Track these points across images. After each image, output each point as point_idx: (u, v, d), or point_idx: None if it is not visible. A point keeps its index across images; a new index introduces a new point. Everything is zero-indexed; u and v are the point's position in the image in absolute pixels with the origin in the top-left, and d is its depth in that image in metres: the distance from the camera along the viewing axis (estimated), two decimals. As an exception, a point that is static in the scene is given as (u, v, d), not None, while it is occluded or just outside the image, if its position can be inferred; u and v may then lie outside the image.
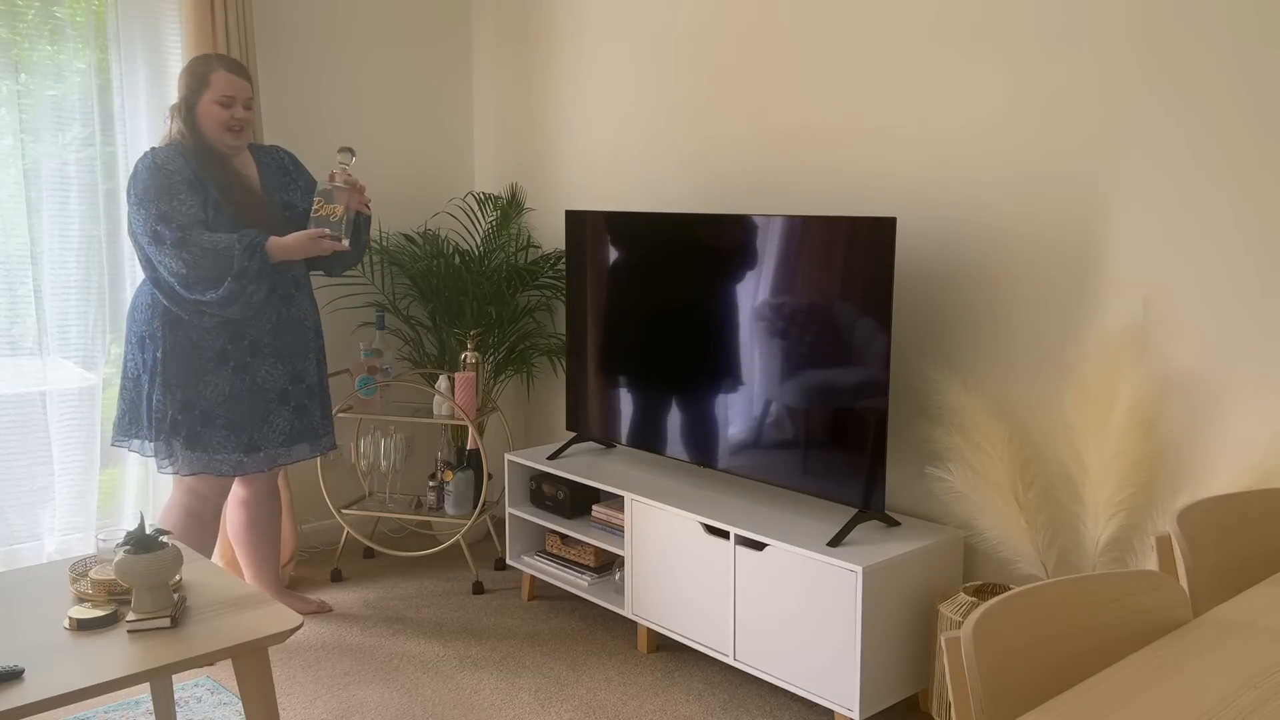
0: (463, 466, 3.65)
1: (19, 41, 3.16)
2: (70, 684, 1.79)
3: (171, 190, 2.82)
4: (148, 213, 2.82)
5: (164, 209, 2.81)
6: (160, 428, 2.90)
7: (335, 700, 2.81)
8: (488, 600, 3.49)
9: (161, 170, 2.84)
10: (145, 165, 2.85)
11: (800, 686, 2.61)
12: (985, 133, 2.66)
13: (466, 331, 3.68)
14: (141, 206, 2.83)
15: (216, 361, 2.92)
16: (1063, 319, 2.56)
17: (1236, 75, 2.24)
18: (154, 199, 2.81)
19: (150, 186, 2.82)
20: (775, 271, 2.79)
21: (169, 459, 2.92)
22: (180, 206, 2.82)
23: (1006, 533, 2.54)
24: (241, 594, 2.17)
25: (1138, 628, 1.40)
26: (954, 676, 1.25)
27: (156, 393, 2.90)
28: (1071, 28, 2.48)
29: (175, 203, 2.82)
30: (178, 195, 2.82)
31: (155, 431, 2.91)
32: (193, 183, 2.85)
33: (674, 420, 3.12)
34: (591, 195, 3.81)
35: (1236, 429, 2.31)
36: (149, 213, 2.81)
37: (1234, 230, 2.27)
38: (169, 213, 2.81)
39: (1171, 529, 1.67)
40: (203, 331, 2.91)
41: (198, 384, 2.91)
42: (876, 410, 2.58)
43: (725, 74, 3.29)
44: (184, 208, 2.82)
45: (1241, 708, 1.19)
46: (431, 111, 4.17)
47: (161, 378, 2.89)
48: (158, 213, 2.81)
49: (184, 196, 2.83)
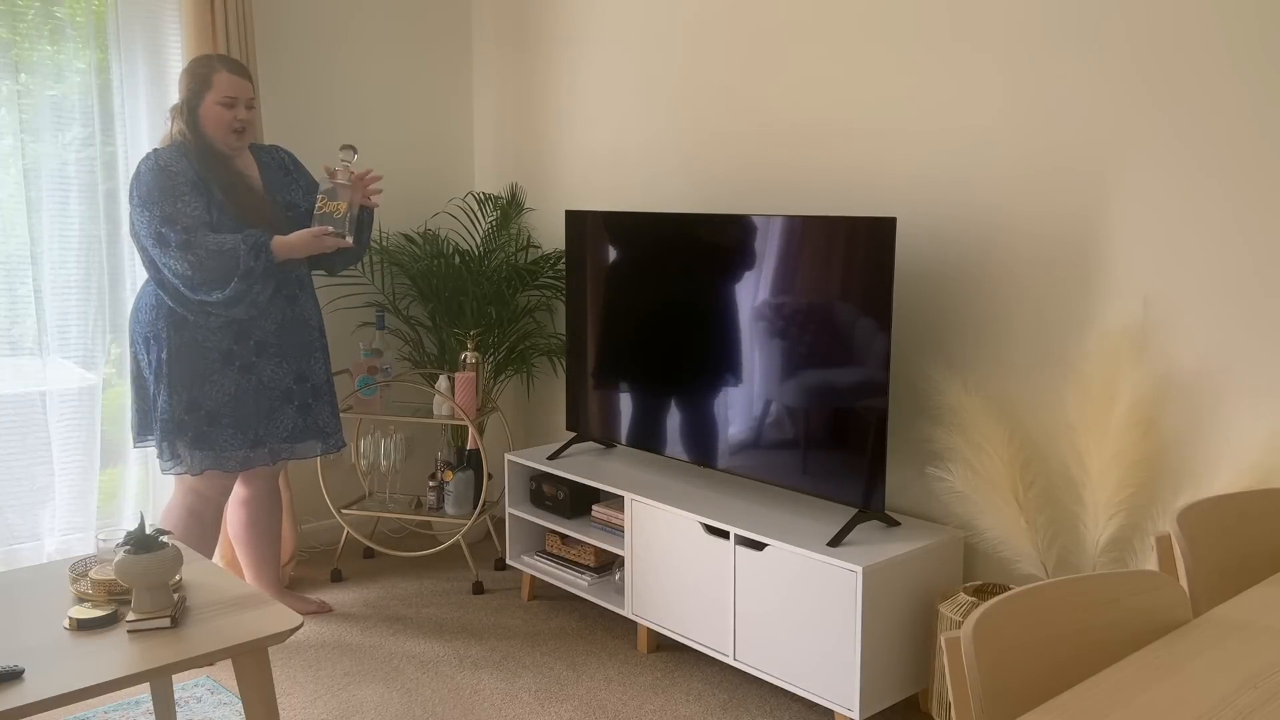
0: (463, 466, 3.65)
1: (19, 41, 3.16)
2: (70, 684, 1.79)
3: (175, 192, 2.82)
4: (151, 215, 2.81)
5: (168, 211, 2.81)
6: (166, 429, 2.90)
7: (335, 700, 2.81)
8: (488, 600, 3.49)
9: (165, 171, 2.83)
10: (148, 167, 2.85)
11: (800, 686, 2.61)
12: (986, 132, 2.66)
13: (466, 331, 3.68)
14: (145, 208, 2.82)
15: (222, 362, 2.92)
16: (1063, 319, 2.56)
17: (1237, 76, 2.24)
18: (158, 201, 2.81)
19: (154, 188, 2.82)
20: (775, 271, 2.79)
21: (173, 460, 2.92)
22: (184, 208, 2.82)
23: (1006, 533, 2.54)
24: (241, 594, 2.17)
25: (1138, 628, 1.40)
26: (954, 676, 1.25)
27: (162, 393, 2.89)
28: (1072, 28, 2.48)
29: (179, 204, 2.81)
30: (182, 197, 2.82)
31: (160, 433, 2.91)
32: (196, 184, 2.85)
33: (674, 420, 3.12)
34: (591, 195, 3.81)
35: (1236, 429, 2.31)
36: (153, 215, 2.81)
37: (1234, 230, 2.27)
38: (173, 215, 2.81)
39: (1171, 529, 1.67)
40: (208, 332, 2.91)
41: (204, 384, 2.91)
42: (876, 410, 2.58)
43: (725, 74, 3.29)
44: (188, 209, 2.82)
45: (1241, 708, 1.19)
46: (431, 111, 4.17)
47: (167, 379, 2.89)
48: (162, 215, 2.80)
49: (188, 198, 2.83)
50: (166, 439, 2.91)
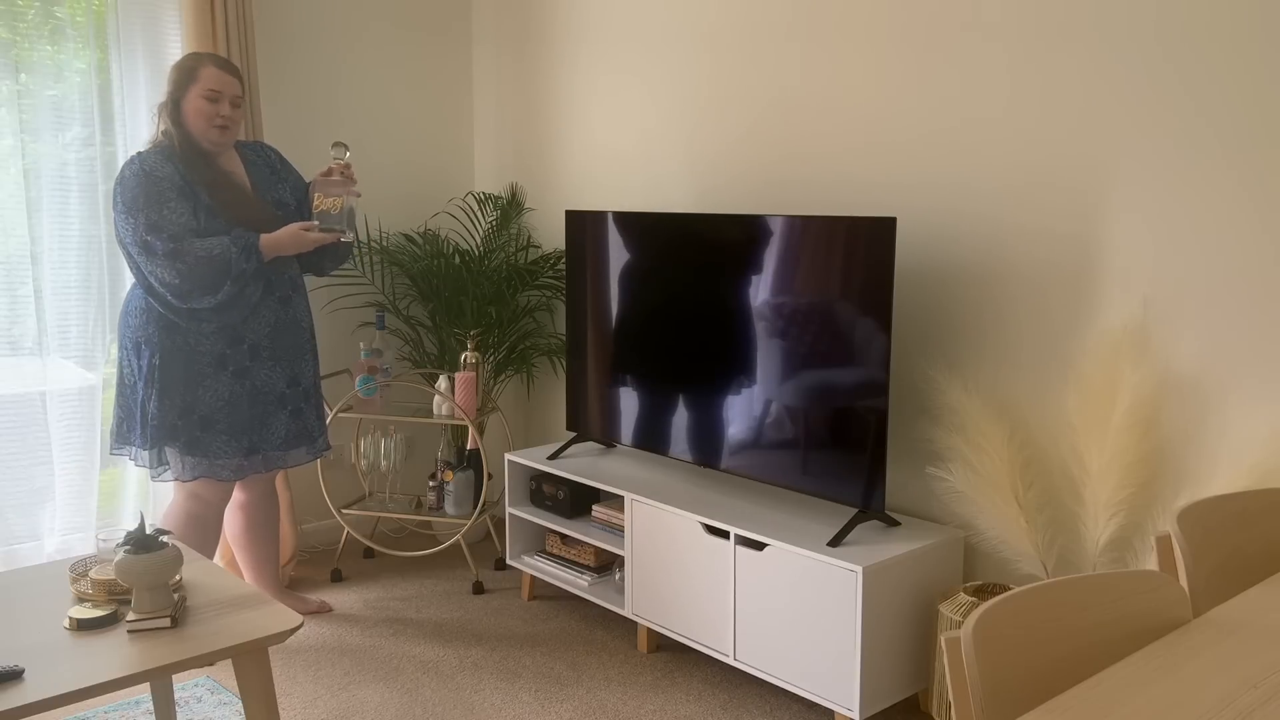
0: (463, 466, 3.65)
1: (19, 41, 3.16)
2: (70, 684, 1.79)
3: (161, 198, 2.77)
4: (136, 222, 2.76)
5: (153, 218, 2.75)
6: (158, 435, 2.86)
7: (335, 700, 2.81)
8: (488, 600, 3.49)
9: (150, 177, 2.78)
10: (132, 172, 2.79)
11: (800, 686, 2.61)
12: (985, 133, 2.66)
13: (466, 331, 3.68)
14: (130, 215, 2.76)
15: (215, 367, 2.89)
16: (1063, 319, 2.56)
17: (1237, 76, 2.24)
18: (143, 208, 2.75)
19: (138, 194, 2.76)
20: (775, 271, 2.79)
21: (160, 465, 2.89)
22: (171, 215, 2.76)
23: (1006, 533, 2.54)
24: (241, 594, 2.17)
25: (1138, 628, 1.40)
26: (954, 676, 1.25)
27: (153, 399, 2.85)
28: (1073, 27, 2.48)
29: (165, 211, 2.76)
30: (167, 203, 2.77)
31: (150, 439, 2.87)
32: (182, 189, 2.80)
33: (674, 420, 3.12)
34: (591, 195, 3.81)
35: (1236, 429, 2.31)
36: (138, 222, 2.76)
37: (1234, 230, 2.27)
38: (159, 222, 2.75)
39: (1171, 529, 1.67)
40: (200, 337, 2.87)
41: (196, 389, 2.88)
42: (876, 410, 2.58)
43: (725, 74, 3.29)
44: (175, 216, 2.77)
45: (1241, 708, 1.19)
46: (431, 111, 4.17)
47: (159, 384, 2.85)
48: (147, 222, 2.75)
49: (174, 204, 2.77)
50: (155, 445, 2.87)
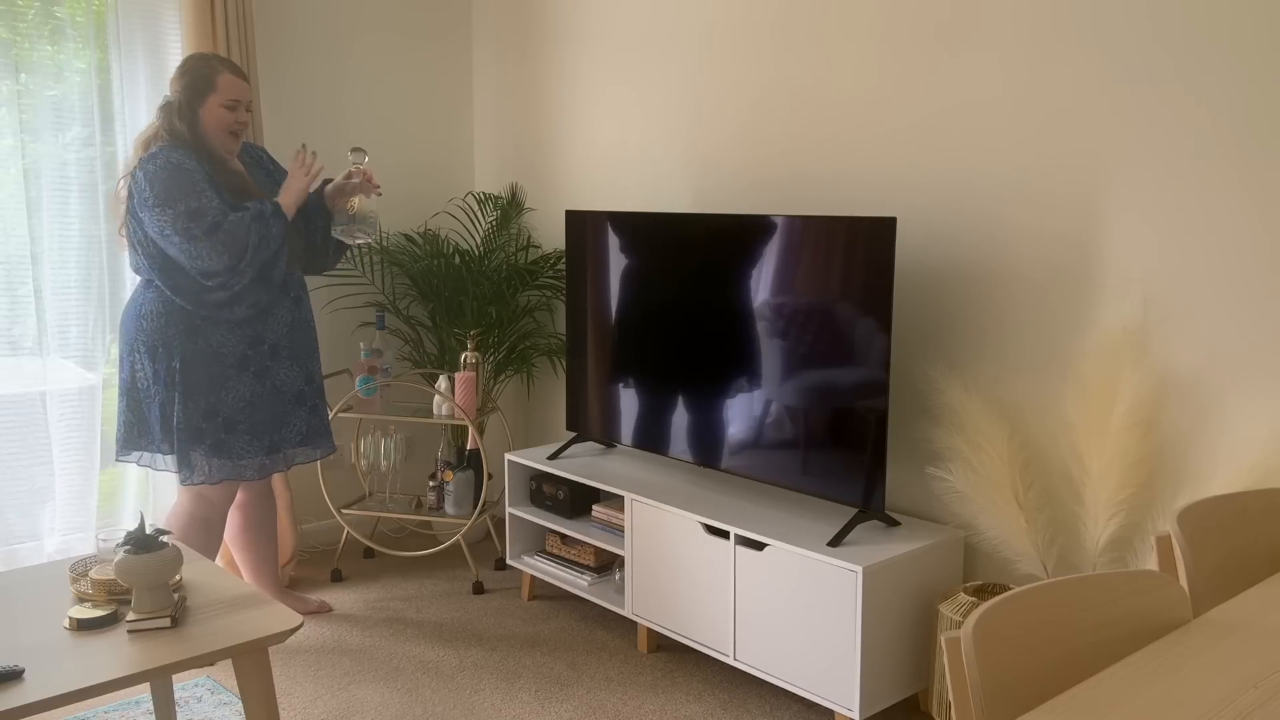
0: (463, 466, 3.65)
1: (19, 41, 3.16)
2: (70, 684, 1.80)
3: (195, 187, 2.77)
4: (175, 212, 2.75)
5: (193, 205, 2.76)
6: (181, 438, 2.86)
7: (335, 700, 2.81)
8: (488, 600, 3.49)
9: (180, 169, 2.78)
10: (161, 166, 2.78)
11: (800, 686, 2.61)
12: (985, 133, 2.66)
13: (466, 331, 3.68)
14: (167, 206, 2.75)
15: (238, 368, 2.90)
16: (1063, 319, 2.56)
17: (1237, 75, 2.24)
18: (180, 197, 2.75)
19: (172, 186, 2.76)
20: (775, 271, 2.79)
21: (189, 470, 2.89)
22: (208, 203, 2.78)
23: (1006, 533, 2.54)
24: (241, 594, 2.17)
25: (1138, 628, 1.40)
26: (954, 676, 1.25)
27: (177, 402, 2.86)
28: (1074, 28, 2.48)
29: (203, 200, 2.77)
30: (203, 192, 2.78)
31: (173, 443, 2.87)
32: (210, 180, 2.83)
33: (674, 420, 3.12)
34: (591, 195, 3.81)
35: (1236, 429, 2.31)
36: (176, 212, 2.75)
37: (1234, 230, 2.27)
38: (199, 209, 2.76)
39: (1171, 529, 1.67)
40: (221, 337, 2.89)
41: (220, 390, 2.89)
42: (876, 410, 2.58)
43: (724, 74, 3.29)
44: (212, 203, 2.78)
45: (1241, 708, 1.19)
46: (431, 111, 4.17)
47: (182, 387, 2.85)
48: (187, 210, 2.75)
49: (208, 193, 2.79)
50: (182, 449, 2.87)
